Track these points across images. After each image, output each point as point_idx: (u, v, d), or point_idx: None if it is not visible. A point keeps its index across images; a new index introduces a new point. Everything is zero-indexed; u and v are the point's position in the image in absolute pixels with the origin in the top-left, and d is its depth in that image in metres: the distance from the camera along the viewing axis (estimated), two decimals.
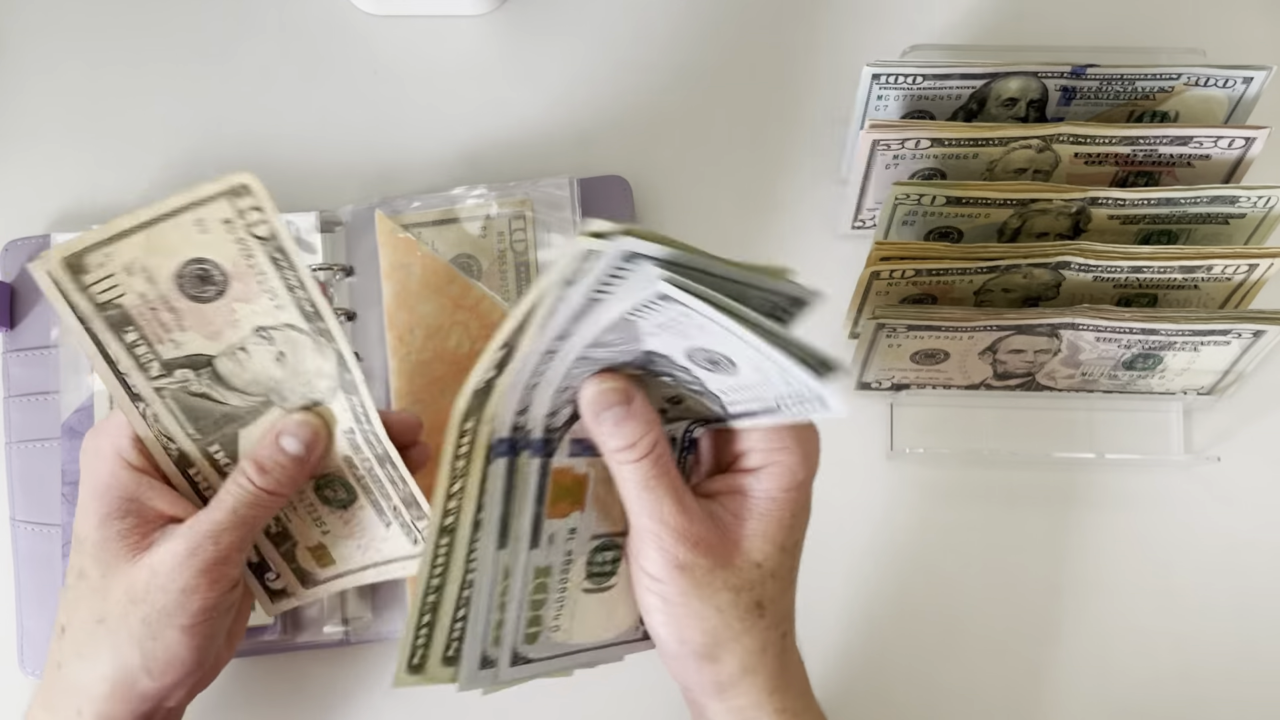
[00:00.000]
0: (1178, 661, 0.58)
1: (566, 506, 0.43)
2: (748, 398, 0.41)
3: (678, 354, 0.40)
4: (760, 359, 0.36)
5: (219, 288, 0.43)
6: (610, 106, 0.64)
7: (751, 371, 0.38)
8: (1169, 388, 0.58)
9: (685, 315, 0.36)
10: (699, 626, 0.42)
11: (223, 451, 0.47)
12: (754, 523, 0.43)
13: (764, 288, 0.37)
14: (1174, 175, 0.57)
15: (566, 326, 0.38)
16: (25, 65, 0.65)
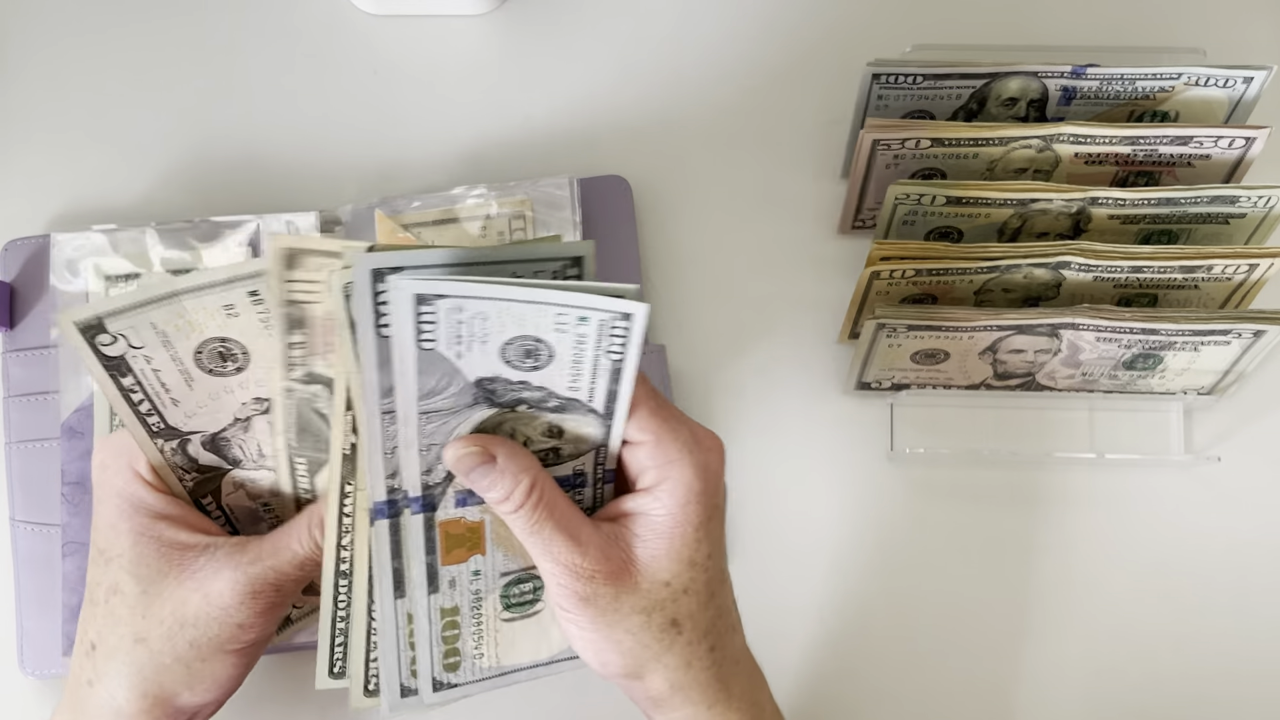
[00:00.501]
0: (1178, 661, 0.58)
1: (464, 553, 0.44)
2: (588, 376, 0.41)
3: (499, 368, 0.41)
4: (559, 317, 0.38)
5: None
6: (610, 106, 0.64)
7: (567, 345, 0.40)
8: (1169, 388, 0.58)
9: (465, 313, 0.38)
10: (615, 650, 0.42)
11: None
12: (656, 542, 0.42)
13: (534, 258, 0.39)
14: (1174, 175, 0.57)
15: (380, 379, 0.39)
16: (26, 66, 0.65)
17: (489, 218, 0.59)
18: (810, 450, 0.60)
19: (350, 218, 0.60)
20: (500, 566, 0.45)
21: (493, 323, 0.39)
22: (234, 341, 0.44)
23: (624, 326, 0.39)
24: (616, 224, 0.61)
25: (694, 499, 0.42)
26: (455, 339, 0.39)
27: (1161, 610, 0.58)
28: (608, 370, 0.41)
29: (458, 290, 0.37)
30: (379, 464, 0.41)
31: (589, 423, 0.43)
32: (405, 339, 0.39)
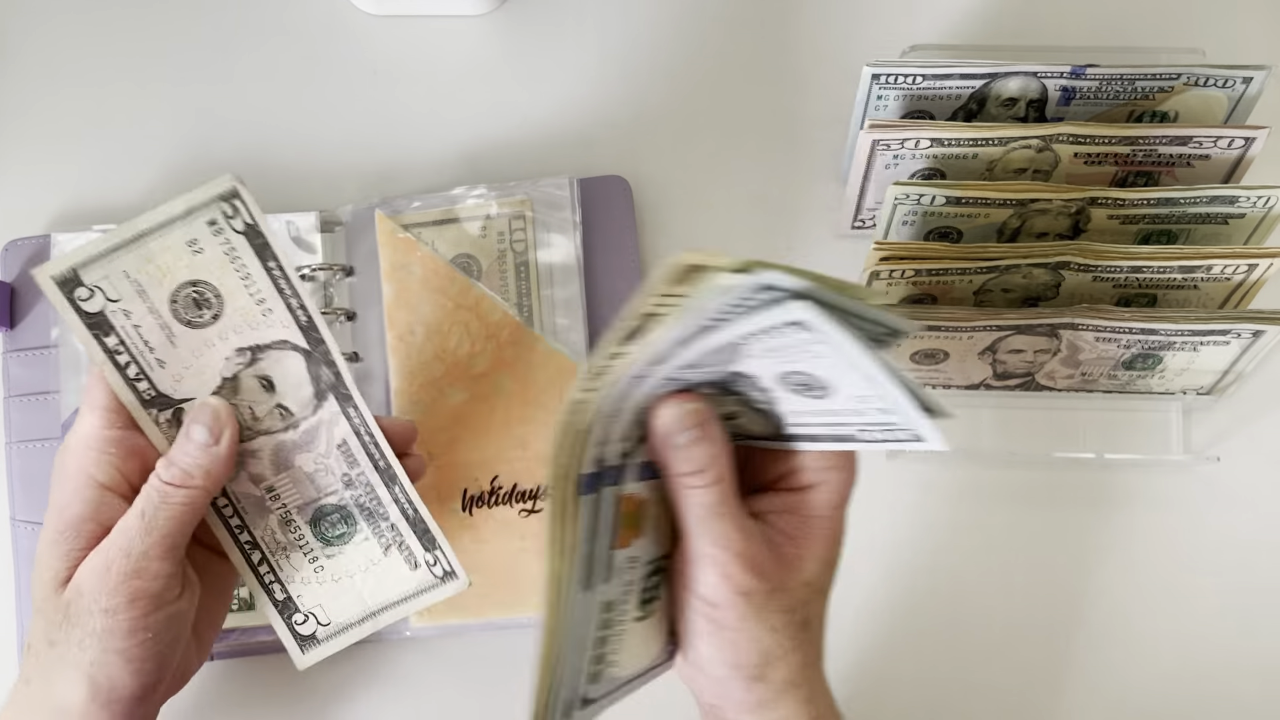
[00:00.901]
0: (1178, 661, 0.58)
1: (630, 535, 0.41)
2: (822, 423, 0.40)
3: (767, 377, 0.39)
4: (867, 389, 0.36)
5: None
6: (610, 106, 0.64)
7: (847, 400, 0.38)
8: (1168, 388, 0.58)
9: (808, 342, 0.35)
10: (753, 649, 0.42)
11: None
12: (808, 542, 0.43)
13: (870, 318, 0.36)
14: (1173, 175, 0.57)
15: (667, 351, 0.37)
16: (25, 65, 0.65)
17: (489, 218, 0.59)
18: None
19: (350, 218, 0.60)
20: (650, 553, 0.42)
21: (815, 359, 0.37)
22: (205, 284, 0.43)
23: (905, 437, 0.38)
24: (616, 224, 0.61)
25: (845, 504, 0.44)
26: (770, 350, 0.37)
27: (1161, 609, 0.58)
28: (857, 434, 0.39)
29: (831, 334, 0.35)
30: (599, 430, 0.38)
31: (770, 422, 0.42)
32: (730, 335, 0.36)
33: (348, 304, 0.59)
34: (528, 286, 0.59)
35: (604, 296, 0.60)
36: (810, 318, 0.34)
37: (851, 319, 0.35)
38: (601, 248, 0.60)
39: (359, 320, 0.59)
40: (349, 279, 0.60)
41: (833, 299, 0.35)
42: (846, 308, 0.35)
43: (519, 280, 0.59)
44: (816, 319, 0.34)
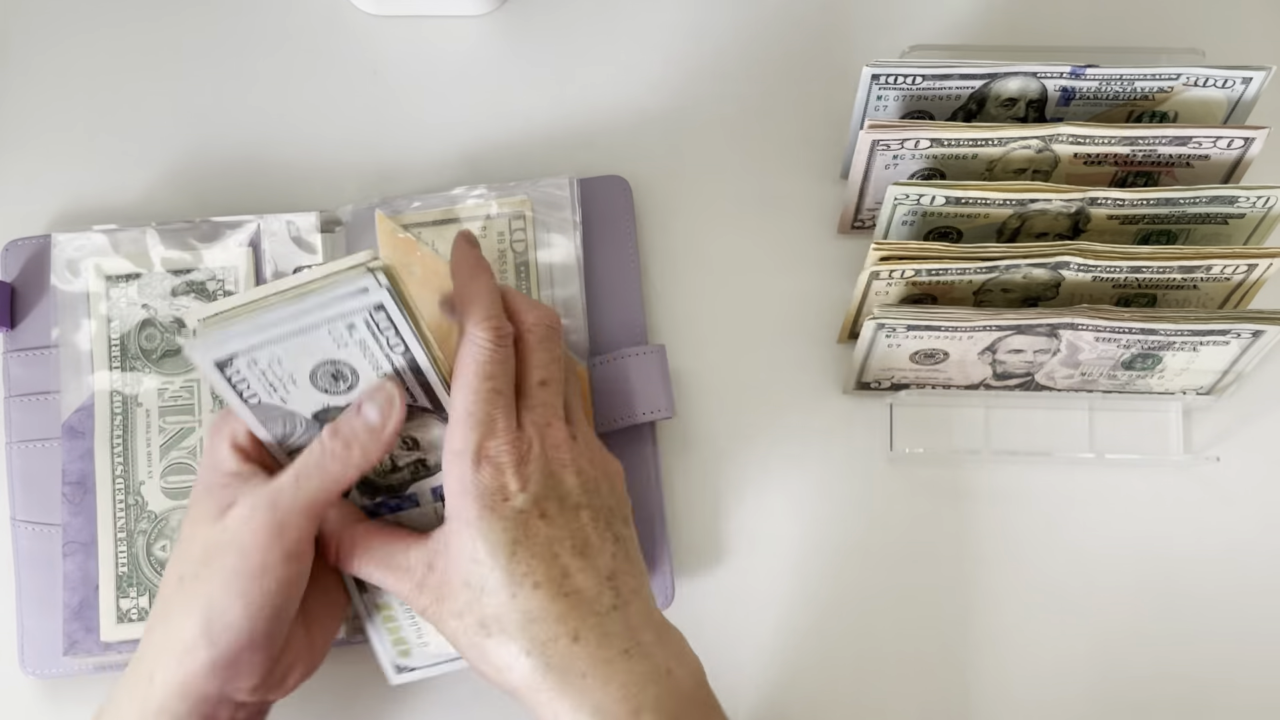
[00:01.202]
0: (1178, 660, 0.58)
1: None
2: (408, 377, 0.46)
3: (323, 398, 0.46)
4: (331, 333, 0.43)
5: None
6: (610, 106, 0.64)
7: (357, 357, 0.44)
8: (1168, 388, 0.58)
9: (261, 363, 0.43)
10: (465, 655, 0.47)
11: None
12: (442, 543, 0.47)
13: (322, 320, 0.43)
14: (1173, 175, 0.57)
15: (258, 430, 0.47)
16: (26, 65, 0.65)
17: (489, 218, 0.59)
18: (809, 450, 0.60)
19: (350, 218, 0.60)
20: None
21: (288, 363, 0.44)
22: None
23: (382, 317, 0.43)
24: (616, 224, 0.61)
25: (454, 496, 0.46)
26: (270, 388, 0.45)
27: (1161, 609, 0.58)
28: (406, 365, 0.45)
29: (241, 344, 0.43)
30: None
31: (430, 424, 0.47)
32: (233, 400, 0.45)
33: None
34: (528, 286, 0.59)
35: (604, 296, 0.60)
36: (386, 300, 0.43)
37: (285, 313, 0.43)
38: (601, 248, 0.60)
39: None
40: None
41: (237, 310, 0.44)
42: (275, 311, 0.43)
43: (519, 280, 0.59)
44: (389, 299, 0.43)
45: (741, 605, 0.58)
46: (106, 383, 0.57)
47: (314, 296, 0.43)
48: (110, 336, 0.58)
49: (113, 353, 0.58)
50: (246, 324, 0.43)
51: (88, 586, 0.56)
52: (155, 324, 0.58)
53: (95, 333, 0.58)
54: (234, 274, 0.59)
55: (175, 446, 0.57)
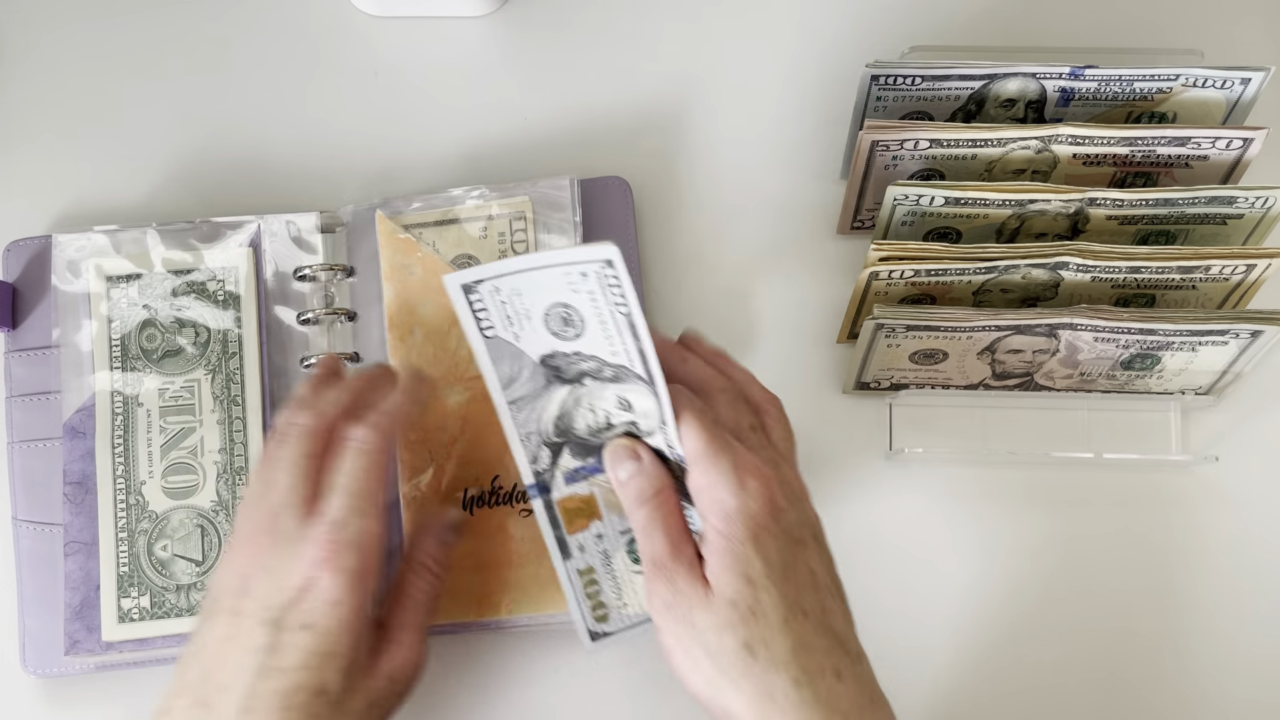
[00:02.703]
0: (1177, 660, 0.58)
1: (584, 521, 0.51)
2: (617, 336, 0.46)
3: (551, 342, 0.47)
4: (566, 277, 0.45)
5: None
6: (610, 107, 0.64)
7: (586, 305, 0.45)
8: (1167, 388, 0.58)
9: (503, 291, 0.46)
10: (696, 671, 0.44)
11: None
12: (713, 561, 0.44)
13: (562, 262, 0.45)
14: (1172, 176, 0.57)
15: (486, 369, 0.48)
16: (26, 66, 0.65)
17: (490, 218, 0.59)
18: (809, 450, 0.60)
19: (351, 218, 0.60)
20: (618, 526, 0.51)
21: (527, 297, 0.46)
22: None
23: (612, 275, 0.44)
24: (616, 224, 0.61)
25: (734, 514, 0.44)
26: (506, 319, 0.47)
27: (1160, 609, 0.58)
28: (626, 327, 0.45)
29: (489, 272, 0.45)
30: (519, 450, 0.50)
31: (643, 392, 0.47)
32: (471, 329, 0.47)
33: (348, 304, 0.60)
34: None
35: None
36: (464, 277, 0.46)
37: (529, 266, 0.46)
38: None
39: (359, 320, 0.60)
40: (349, 279, 0.60)
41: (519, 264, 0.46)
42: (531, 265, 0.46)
43: None
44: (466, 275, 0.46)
45: None
46: (107, 383, 0.57)
47: (559, 252, 0.45)
48: (111, 337, 0.58)
49: (114, 353, 0.58)
50: (498, 263, 0.46)
51: (89, 586, 0.56)
52: (156, 324, 0.58)
53: (96, 333, 0.58)
54: (235, 274, 0.59)
55: (176, 446, 0.57)
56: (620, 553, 0.51)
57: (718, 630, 0.43)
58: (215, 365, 0.58)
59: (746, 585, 0.43)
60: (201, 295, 0.59)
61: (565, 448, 0.50)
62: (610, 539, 0.51)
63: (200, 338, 0.58)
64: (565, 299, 0.46)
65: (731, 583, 0.43)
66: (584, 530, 0.51)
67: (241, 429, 0.57)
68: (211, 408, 0.57)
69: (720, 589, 0.44)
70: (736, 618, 0.43)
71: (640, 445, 0.48)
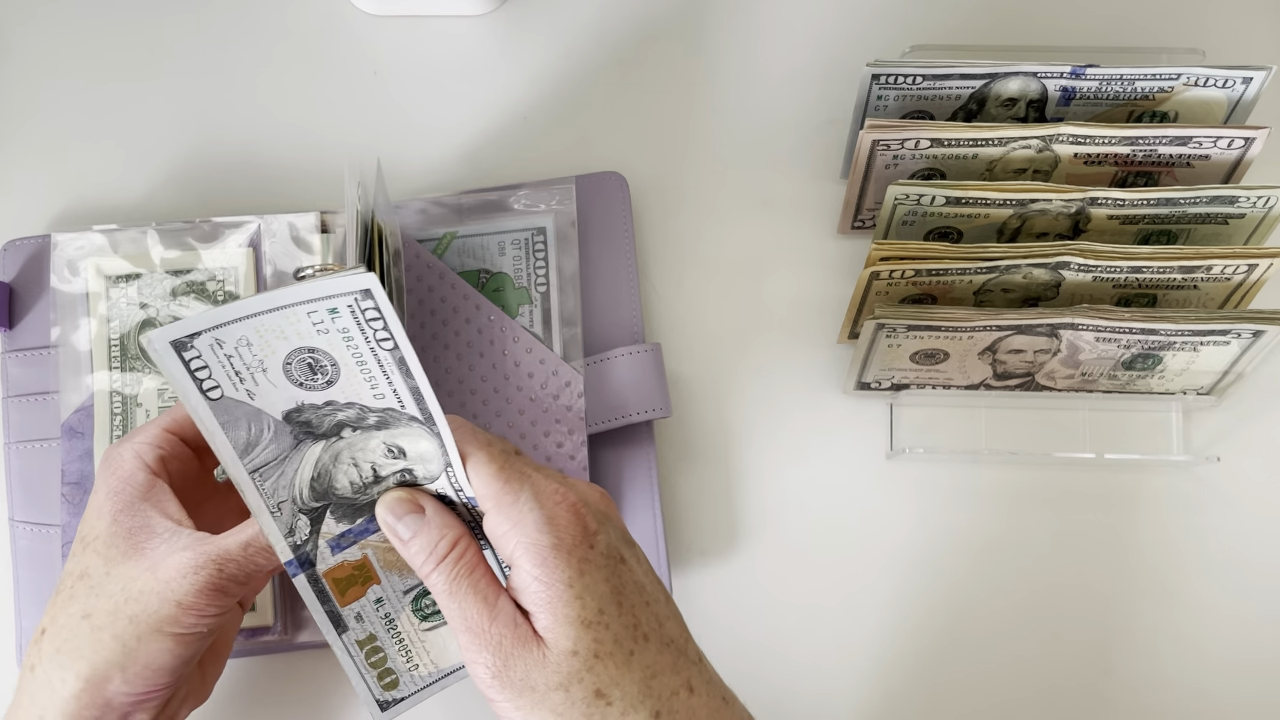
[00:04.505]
0: (1177, 661, 0.58)
1: (356, 592, 0.45)
2: (382, 378, 0.41)
3: (296, 394, 0.41)
4: (312, 317, 0.39)
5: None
6: (609, 107, 0.64)
7: (339, 346, 0.40)
8: (1168, 388, 0.58)
9: (227, 345, 0.39)
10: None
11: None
12: (541, 613, 0.40)
13: (320, 295, 0.39)
14: (1173, 175, 0.57)
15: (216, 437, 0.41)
16: (25, 65, 0.65)
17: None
18: (810, 450, 0.60)
19: None
20: (400, 586, 0.45)
21: (258, 346, 0.39)
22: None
23: (371, 307, 0.39)
24: (613, 222, 0.61)
25: (550, 555, 0.40)
26: (234, 376, 0.40)
27: (1160, 609, 0.58)
28: (394, 365, 0.40)
29: (206, 323, 0.38)
30: (271, 525, 0.43)
31: (418, 434, 0.42)
32: (190, 393, 0.40)
33: None
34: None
35: (600, 295, 0.59)
36: (169, 334, 0.38)
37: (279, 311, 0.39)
38: (598, 247, 0.60)
39: None
40: None
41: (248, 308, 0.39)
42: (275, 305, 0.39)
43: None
44: (169, 332, 0.38)
45: (740, 605, 0.58)
46: (106, 383, 0.57)
47: (295, 288, 0.39)
48: (110, 337, 0.58)
49: (112, 353, 0.58)
50: (214, 311, 0.39)
51: None
52: (155, 324, 0.58)
53: (95, 333, 0.58)
54: (234, 274, 0.59)
55: None
56: (405, 613, 0.46)
57: (563, 686, 0.39)
58: None
59: (584, 630, 0.40)
60: (201, 295, 0.59)
61: (327, 512, 0.44)
62: (391, 601, 0.45)
63: None
64: (309, 343, 0.40)
65: (566, 632, 0.40)
66: (360, 599, 0.45)
67: None
68: None
69: (556, 641, 0.40)
70: (580, 666, 0.40)
71: (420, 494, 0.43)
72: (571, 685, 0.40)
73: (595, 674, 0.40)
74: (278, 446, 0.42)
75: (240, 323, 0.39)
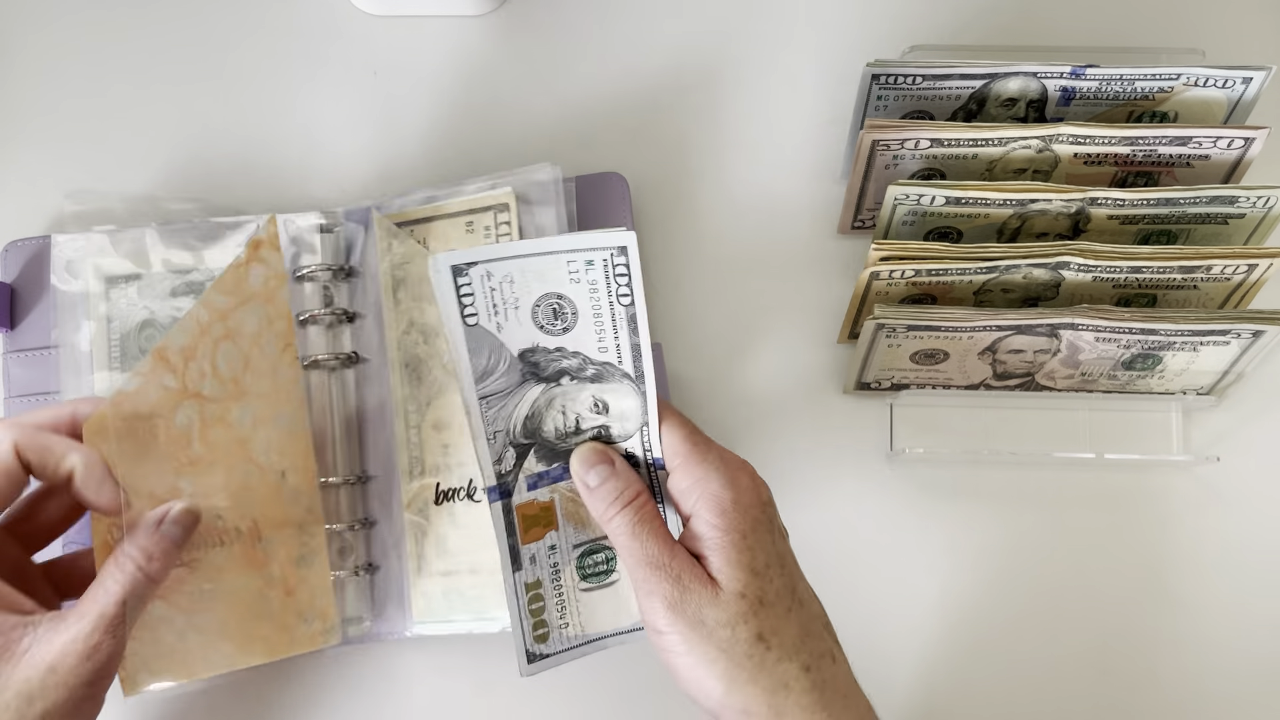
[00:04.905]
0: (1177, 660, 0.58)
1: (538, 532, 0.48)
2: (610, 331, 0.45)
3: (535, 335, 0.45)
4: (570, 265, 0.44)
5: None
6: (609, 108, 0.64)
7: (584, 296, 0.44)
8: (1168, 388, 0.58)
9: (495, 278, 0.44)
10: (710, 670, 0.43)
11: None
12: (715, 557, 0.44)
13: (584, 247, 0.44)
14: (1173, 175, 0.57)
15: (462, 361, 0.45)
16: (25, 66, 0.65)
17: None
18: (810, 450, 0.60)
19: (349, 218, 0.60)
20: (573, 539, 0.48)
21: (519, 285, 0.44)
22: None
23: (623, 263, 0.44)
24: (614, 221, 0.61)
25: (730, 508, 0.44)
26: (492, 308, 0.45)
27: (1160, 609, 0.58)
28: (625, 320, 0.45)
29: (485, 255, 0.44)
30: (484, 448, 0.46)
31: (625, 391, 0.46)
32: (453, 315, 0.44)
33: (348, 304, 0.59)
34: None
35: None
36: (451, 258, 0.43)
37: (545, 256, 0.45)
38: None
39: (359, 321, 0.59)
40: (349, 279, 0.60)
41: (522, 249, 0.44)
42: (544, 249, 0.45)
43: None
44: (456, 256, 0.43)
45: None
46: (107, 383, 0.57)
47: (566, 237, 0.44)
48: (110, 337, 0.58)
49: (113, 353, 0.58)
50: (494, 246, 0.44)
51: None
52: (155, 324, 0.58)
53: (95, 333, 0.58)
54: None
55: None
56: (570, 566, 0.49)
57: (730, 624, 0.43)
58: None
59: (753, 576, 0.44)
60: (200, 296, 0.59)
61: (532, 450, 0.48)
62: (563, 551, 0.49)
63: None
64: (561, 289, 0.45)
65: (738, 575, 0.43)
66: (538, 541, 0.48)
67: None
68: None
69: (728, 583, 0.43)
70: (748, 609, 0.43)
71: (612, 450, 0.47)
72: (737, 625, 0.43)
73: (759, 618, 0.43)
74: (507, 380, 0.46)
75: (512, 260, 0.44)
